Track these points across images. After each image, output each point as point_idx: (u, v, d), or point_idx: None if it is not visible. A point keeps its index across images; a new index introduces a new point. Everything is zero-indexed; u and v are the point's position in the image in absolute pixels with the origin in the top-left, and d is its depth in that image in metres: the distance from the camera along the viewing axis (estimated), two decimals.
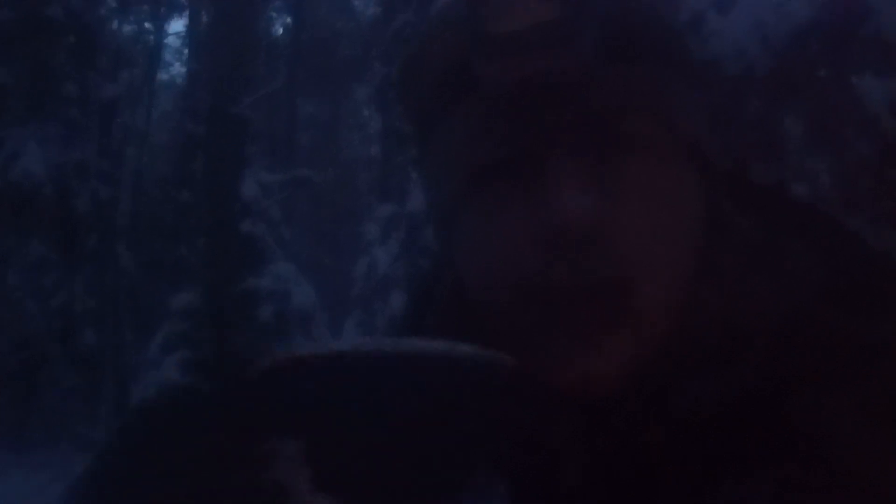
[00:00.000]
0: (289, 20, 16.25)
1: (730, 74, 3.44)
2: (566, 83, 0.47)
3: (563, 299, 0.46)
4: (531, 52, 0.46)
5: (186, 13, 14.69)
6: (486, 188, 0.49)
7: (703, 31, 3.57)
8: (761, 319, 0.48)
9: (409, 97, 0.54)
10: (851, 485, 0.44)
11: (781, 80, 3.44)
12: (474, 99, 0.49)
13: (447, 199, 0.51)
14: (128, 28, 15.35)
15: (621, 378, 0.47)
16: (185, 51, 15.78)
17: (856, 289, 0.50)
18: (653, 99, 0.48)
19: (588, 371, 0.47)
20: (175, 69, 18.58)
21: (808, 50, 3.28)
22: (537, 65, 0.46)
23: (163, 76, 17.49)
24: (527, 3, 0.47)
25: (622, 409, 0.47)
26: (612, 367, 0.47)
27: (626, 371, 0.47)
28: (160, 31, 16.34)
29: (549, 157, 0.47)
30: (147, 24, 16.14)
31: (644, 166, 0.47)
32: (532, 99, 0.47)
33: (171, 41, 17.58)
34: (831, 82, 3.35)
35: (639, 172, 0.47)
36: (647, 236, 0.47)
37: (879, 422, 0.45)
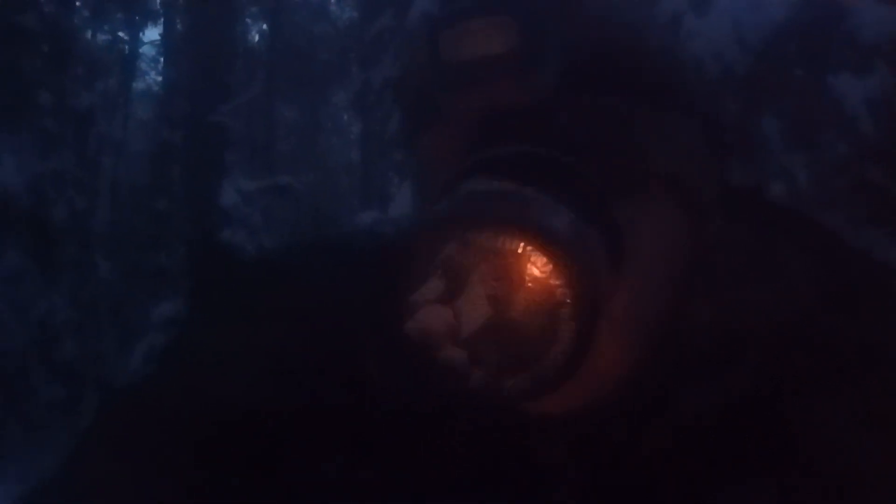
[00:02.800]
0: (265, 26, 16.20)
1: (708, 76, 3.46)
2: (526, 114, 0.46)
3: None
4: (488, 83, 0.47)
5: (161, 21, 14.61)
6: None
7: (680, 33, 3.60)
8: (756, 325, 0.48)
9: (400, 106, 0.55)
10: (849, 487, 0.44)
11: (759, 81, 3.48)
12: (438, 125, 0.49)
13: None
14: (102, 37, 15.24)
15: (603, 399, 0.47)
16: (161, 59, 15.69)
17: (846, 292, 0.50)
18: (622, 131, 0.47)
19: (566, 401, 0.46)
20: (151, 77, 18.45)
21: (785, 50, 3.31)
22: (495, 95, 0.46)
23: (139, 85, 17.38)
24: (483, 34, 0.47)
25: (622, 417, 0.47)
26: (591, 393, 0.46)
27: (606, 393, 0.46)
28: (135, 40, 16.25)
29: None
30: (121, 33, 16.04)
31: (615, 197, 0.46)
32: (492, 129, 0.47)
33: (147, 49, 17.47)
34: (808, 82, 3.38)
35: (609, 203, 0.46)
36: (615, 270, 0.46)
37: (876, 425, 0.45)
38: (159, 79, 16.35)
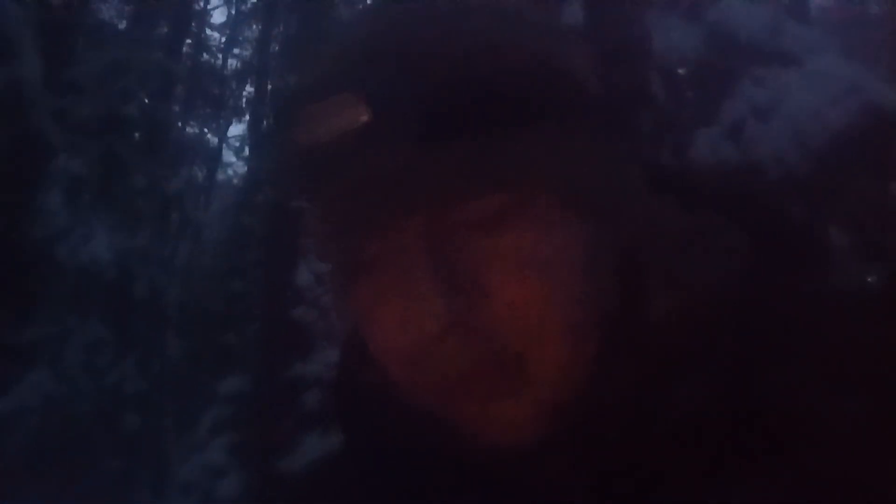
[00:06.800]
0: None
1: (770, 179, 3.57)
2: (394, 177, 0.45)
3: (451, 378, 0.46)
4: (349, 158, 0.45)
5: (246, 117, 15.46)
6: (363, 277, 0.48)
7: (743, 138, 3.74)
8: (710, 304, 0.48)
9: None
10: (846, 486, 0.43)
11: (821, 185, 3.55)
12: (316, 200, 0.49)
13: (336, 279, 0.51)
14: (191, 129, 16.18)
15: (533, 431, 0.46)
16: (245, 151, 16.47)
17: (783, 253, 0.51)
18: (500, 169, 0.46)
19: (492, 437, 0.47)
20: (234, 168, 19.29)
21: (846, 156, 3.40)
22: (359, 167, 0.45)
23: (221, 175, 18.20)
24: (334, 112, 0.45)
25: (614, 423, 0.47)
26: (517, 430, 0.46)
27: (535, 427, 0.46)
28: (222, 133, 17.18)
29: (409, 253, 0.46)
30: (208, 128, 16.99)
31: (515, 234, 0.46)
32: (365, 198, 0.46)
33: (231, 142, 18.40)
34: (870, 187, 3.45)
35: (512, 242, 0.46)
36: (537, 304, 0.45)
37: (874, 423, 0.44)
38: (242, 170, 17.10)
